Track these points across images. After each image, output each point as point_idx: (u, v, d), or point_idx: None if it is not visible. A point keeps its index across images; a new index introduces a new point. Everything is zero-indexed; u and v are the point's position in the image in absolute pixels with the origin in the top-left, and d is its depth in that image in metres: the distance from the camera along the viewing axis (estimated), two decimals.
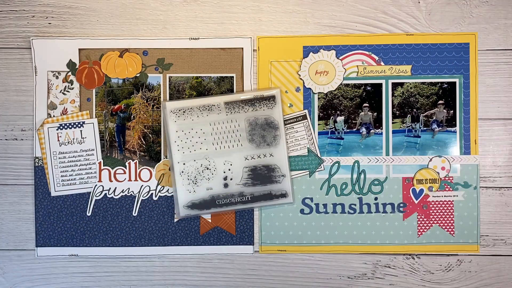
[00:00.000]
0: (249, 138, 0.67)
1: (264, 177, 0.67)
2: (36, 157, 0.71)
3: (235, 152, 0.67)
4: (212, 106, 0.67)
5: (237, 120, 0.67)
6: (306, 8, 0.71)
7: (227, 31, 0.71)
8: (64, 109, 0.71)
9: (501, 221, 0.71)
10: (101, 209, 0.71)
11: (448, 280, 0.71)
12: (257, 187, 0.67)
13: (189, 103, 0.67)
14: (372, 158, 0.71)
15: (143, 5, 0.71)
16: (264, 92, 0.67)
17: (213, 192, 0.67)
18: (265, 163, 0.67)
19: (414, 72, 0.70)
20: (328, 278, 0.71)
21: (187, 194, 0.67)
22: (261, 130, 0.67)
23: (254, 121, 0.67)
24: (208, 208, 0.67)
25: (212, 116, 0.67)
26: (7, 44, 0.71)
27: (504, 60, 0.70)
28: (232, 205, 0.67)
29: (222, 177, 0.67)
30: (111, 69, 0.71)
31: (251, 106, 0.67)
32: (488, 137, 0.71)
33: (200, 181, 0.67)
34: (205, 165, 0.67)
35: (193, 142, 0.67)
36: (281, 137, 0.67)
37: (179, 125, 0.67)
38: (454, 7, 0.71)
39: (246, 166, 0.67)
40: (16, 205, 0.71)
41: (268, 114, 0.67)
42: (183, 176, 0.67)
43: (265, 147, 0.67)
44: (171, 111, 0.67)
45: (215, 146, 0.67)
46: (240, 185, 0.67)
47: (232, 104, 0.67)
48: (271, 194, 0.67)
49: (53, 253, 0.71)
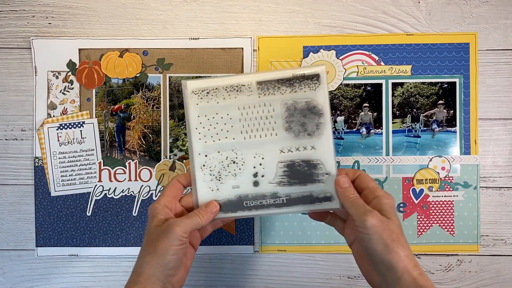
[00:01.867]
0: (286, 126, 0.54)
1: (303, 175, 0.54)
2: (36, 157, 0.71)
3: (269, 143, 0.54)
4: (242, 87, 0.54)
5: (272, 104, 0.54)
6: (306, 8, 0.71)
7: (227, 31, 0.71)
8: (64, 109, 0.71)
9: (501, 221, 0.71)
10: (101, 209, 0.71)
11: (448, 280, 0.71)
12: (294, 187, 0.54)
13: (214, 82, 0.54)
14: (372, 158, 0.71)
15: (143, 5, 0.71)
16: (306, 70, 0.54)
17: (241, 191, 0.55)
18: (305, 157, 0.54)
19: (414, 72, 0.70)
20: (328, 278, 0.71)
21: (208, 192, 0.54)
22: (301, 117, 0.54)
23: (293, 105, 0.54)
24: (234, 211, 0.54)
25: (242, 99, 0.54)
26: (7, 44, 0.71)
27: (504, 60, 0.70)
28: (263, 208, 0.54)
29: (252, 173, 0.55)
30: (111, 69, 0.71)
31: (290, 87, 0.54)
32: (488, 137, 0.71)
33: (225, 178, 0.55)
34: (231, 158, 0.55)
35: (217, 130, 0.55)
36: (326, 125, 0.54)
37: (201, 108, 0.54)
38: (454, 7, 0.71)
39: (281, 160, 0.54)
40: (16, 205, 0.71)
41: (310, 97, 0.54)
42: (204, 170, 0.55)
43: (306, 137, 0.54)
44: (193, 92, 0.54)
45: (244, 135, 0.55)
46: (273, 184, 0.55)
47: (266, 84, 0.54)
48: (312, 196, 0.54)
49: (53, 253, 0.71)
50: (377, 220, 0.46)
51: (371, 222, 0.45)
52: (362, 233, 0.46)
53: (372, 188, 0.50)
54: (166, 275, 0.48)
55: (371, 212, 0.46)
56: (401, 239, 0.46)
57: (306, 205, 0.54)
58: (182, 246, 0.48)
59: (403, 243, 0.46)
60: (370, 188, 0.50)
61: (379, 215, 0.46)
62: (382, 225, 0.46)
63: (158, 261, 0.48)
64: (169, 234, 0.48)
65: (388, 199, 0.48)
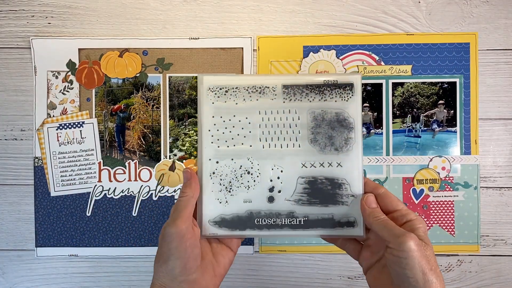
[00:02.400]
0: (311, 138, 0.49)
1: (325, 195, 0.48)
2: (35, 157, 0.71)
3: (290, 155, 0.49)
4: (266, 89, 0.49)
5: (298, 111, 0.49)
6: (306, 8, 0.71)
7: (227, 31, 0.71)
8: (63, 109, 0.71)
9: (501, 221, 0.71)
10: (101, 209, 0.70)
11: (449, 280, 0.71)
12: (314, 207, 0.48)
13: (235, 80, 0.49)
14: (372, 158, 0.71)
15: (143, 5, 0.71)
16: (339, 77, 0.49)
17: (253, 206, 0.49)
18: (329, 175, 0.48)
19: (414, 72, 0.70)
20: (328, 278, 0.71)
21: (216, 205, 0.49)
22: (329, 129, 0.49)
23: (321, 115, 0.49)
24: (243, 229, 0.48)
25: (264, 102, 0.49)
26: (6, 44, 0.71)
27: (504, 60, 0.70)
28: (276, 228, 0.49)
29: (268, 187, 0.49)
30: (111, 69, 0.71)
31: (319, 94, 0.49)
32: (488, 137, 0.70)
33: (236, 189, 0.49)
34: (246, 167, 0.49)
35: (233, 134, 0.49)
36: (357, 141, 0.48)
37: (217, 108, 0.49)
38: (454, 7, 0.71)
39: (302, 175, 0.49)
40: (16, 205, 0.71)
41: (341, 108, 0.48)
42: (213, 179, 0.49)
43: (332, 152, 0.49)
44: (209, 89, 0.49)
45: (263, 143, 0.49)
46: (290, 202, 0.49)
47: (293, 88, 0.49)
48: (333, 220, 0.48)
49: (53, 253, 0.71)
50: (416, 243, 0.41)
51: (410, 245, 0.40)
52: (397, 257, 0.41)
53: (402, 211, 0.45)
54: (179, 281, 0.44)
55: (410, 234, 0.41)
56: (437, 270, 0.42)
57: (325, 229, 0.49)
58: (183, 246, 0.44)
59: (439, 274, 0.42)
60: (401, 210, 0.45)
61: (417, 239, 0.41)
62: (421, 250, 0.41)
63: (163, 269, 0.44)
64: (164, 237, 0.44)
65: (422, 223, 0.44)
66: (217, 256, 0.48)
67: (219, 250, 0.49)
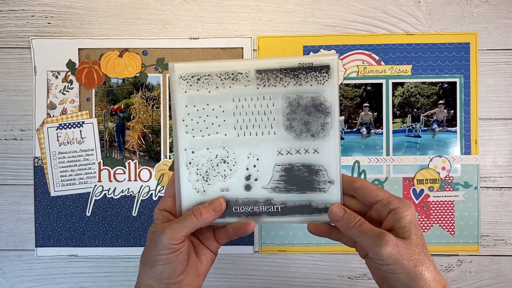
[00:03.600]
0: (287, 124, 0.48)
1: (302, 181, 0.48)
2: (35, 157, 0.70)
3: (265, 143, 0.48)
4: (239, 75, 0.47)
5: (272, 97, 0.47)
6: (306, 7, 0.71)
7: (227, 30, 0.71)
8: (63, 109, 0.71)
9: (501, 221, 0.71)
10: (100, 209, 0.70)
11: (449, 280, 0.71)
12: (291, 194, 0.48)
13: (207, 67, 0.48)
14: (373, 158, 0.71)
15: (142, 5, 0.71)
16: (315, 59, 0.46)
17: (230, 194, 0.49)
18: (306, 161, 0.48)
19: (414, 72, 0.70)
20: (328, 278, 0.71)
21: (193, 194, 0.49)
22: (305, 114, 0.47)
23: (296, 101, 0.47)
24: (222, 217, 0.48)
25: (238, 89, 0.47)
26: (6, 44, 0.71)
27: (504, 60, 0.70)
28: (254, 215, 0.48)
29: (244, 175, 0.49)
30: (111, 69, 0.71)
31: (294, 79, 0.47)
32: (488, 137, 0.70)
33: (213, 178, 0.49)
34: (221, 156, 0.49)
35: (207, 123, 0.48)
36: (333, 126, 0.47)
37: (190, 97, 0.48)
38: (454, 7, 0.71)
39: (278, 163, 0.48)
40: (16, 205, 0.71)
41: (317, 92, 0.47)
42: (190, 169, 0.48)
43: (309, 138, 0.47)
44: (181, 77, 0.48)
45: (238, 131, 0.48)
46: (267, 189, 0.48)
47: (267, 73, 0.47)
48: (311, 206, 0.48)
49: (53, 253, 0.70)
50: (393, 246, 0.40)
51: (387, 251, 0.40)
52: (379, 264, 0.41)
53: (385, 200, 0.43)
54: (165, 284, 0.45)
55: (383, 238, 0.40)
56: (424, 260, 0.41)
57: (303, 216, 0.48)
58: (174, 254, 0.44)
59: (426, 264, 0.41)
60: (382, 200, 0.44)
61: (394, 240, 0.40)
62: (400, 251, 0.40)
63: (150, 271, 0.45)
64: (156, 243, 0.44)
65: (406, 211, 0.42)
66: (200, 255, 0.49)
67: (201, 249, 0.50)
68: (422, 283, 0.40)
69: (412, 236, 0.41)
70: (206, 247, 0.50)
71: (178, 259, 0.45)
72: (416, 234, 0.42)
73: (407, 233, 0.41)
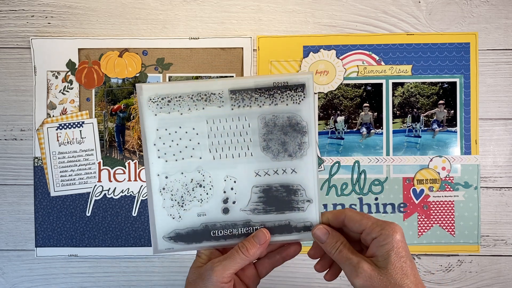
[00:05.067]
0: (264, 145, 0.47)
1: (281, 202, 0.47)
2: (35, 157, 0.70)
3: (242, 164, 0.47)
4: (212, 96, 0.46)
5: (248, 118, 0.47)
6: (306, 7, 0.71)
7: (227, 30, 0.71)
8: (63, 109, 0.71)
9: (501, 221, 0.71)
10: (100, 209, 0.70)
11: (449, 280, 0.71)
12: (270, 215, 0.48)
13: (177, 88, 0.46)
14: (373, 158, 0.71)
15: (142, 5, 0.71)
16: (289, 77, 0.46)
17: (207, 219, 0.47)
18: (284, 181, 0.47)
19: (414, 72, 0.70)
20: None
21: (169, 220, 0.47)
22: (282, 134, 0.47)
23: (272, 121, 0.47)
24: (199, 241, 0.47)
25: (211, 110, 0.46)
26: (6, 44, 0.71)
27: (504, 60, 0.70)
28: (233, 238, 0.48)
29: (221, 198, 0.48)
30: (111, 69, 0.71)
31: (269, 98, 0.46)
32: (488, 137, 0.70)
33: (189, 203, 0.47)
34: (197, 180, 0.47)
35: (181, 147, 0.47)
36: (310, 145, 0.47)
37: (161, 120, 0.46)
38: (454, 7, 0.71)
39: (256, 184, 0.47)
40: (16, 205, 0.71)
41: (293, 112, 0.46)
42: (164, 195, 0.47)
43: (286, 158, 0.47)
44: (151, 100, 0.46)
45: (213, 154, 0.47)
46: (246, 212, 0.48)
47: (241, 93, 0.46)
48: (290, 225, 0.48)
49: (53, 253, 0.70)
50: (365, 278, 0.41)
51: (359, 283, 0.41)
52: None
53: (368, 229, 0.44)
54: None
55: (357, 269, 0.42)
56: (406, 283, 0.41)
57: (282, 235, 0.48)
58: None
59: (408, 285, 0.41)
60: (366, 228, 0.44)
61: (368, 271, 0.41)
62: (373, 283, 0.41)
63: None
64: (204, 280, 0.44)
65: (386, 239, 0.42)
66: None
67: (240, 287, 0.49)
68: None
69: (388, 266, 0.41)
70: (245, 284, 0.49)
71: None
72: (394, 263, 0.41)
73: (384, 262, 0.42)
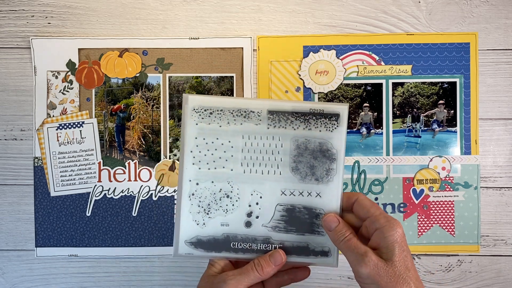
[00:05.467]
0: (293, 166, 0.49)
1: (302, 223, 0.49)
2: (35, 157, 0.70)
3: (270, 181, 0.49)
4: (251, 113, 0.49)
5: (281, 138, 0.49)
6: (306, 7, 0.71)
7: (227, 31, 0.71)
8: (63, 109, 0.71)
9: (501, 221, 0.71)
10: (100, 209, 0.70)
11: (449, 280, 0.71)
12: (290, 235, 0.49)
13: (220, 102, 0.49)
14: (372, 158, 0.71)
15: (142, 5, 0.71)
16: (326, 107, 0.48)
17: (230, 230, 0.49)
18: (308, 204, 0.49)
19: (414, 72, 0.70)
20: (328, 278, 0.71)
21: (193, 226, 0.49)
22: (311, 158, 0.49)
23: (304, 144, 0.49)
24: (218, 251, 0.49)
25: (248, 127, 0.49)
26: (6, 44, 0.71)
27: (504, 60, 0.70)
28: (251, 252, 0.49)
29: (246, 212, 0.49)
30: (111, 69, 0.71)
31: (304, 123, 0.48)
32: (488, 137, 0.70)
33: (214, 212, 0.49)
34: (225, 191, 0.49)
35: (215, 157, 0.49)
36: (338, 173, 0.48)
37: (201, 129, 0.49)
38: (454, 7, 0.71)
39: (281, 203, 0.49)
40: (16, 205, 0.71)
41: (325, 138, 0.48)
42: (192, 200, 0.49)
43: (312, 182, 0.49)
44: (194, 109, 0.49)
45: (244, 167, 0.49)
46: (267, 228, 0.49)
47: (279, 115, 0.49)
48: (308, 248, 0.49)
49: (53, 253, 0.70)
50: (372, 267, 0.41)
51: (366, 272, 0.41)
52: (359, 282, 0.43)
53: (373, 217, 0.44)
54: None
55: (364, 259, 0.42)
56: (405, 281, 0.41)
57: (299, 257, 0.49)
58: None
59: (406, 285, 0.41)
60: (372, 216, 0.44)
61: (375, 261, 0.41)
62: (379, 272, 0.41)
63: None
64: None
65: (390, 231, 0.42)
66: None
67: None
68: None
69: (394, 258, 0.42)
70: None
71: None
72: (399, 256, 0.42)
73: (389, 254, 0.42)
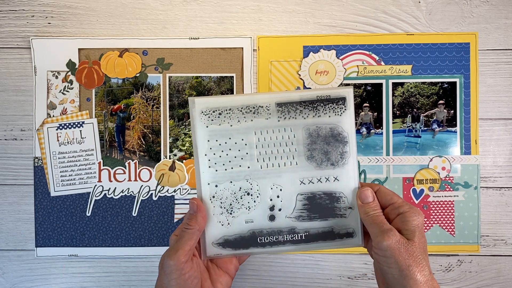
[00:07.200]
0: (308, 155, 0.50)
1: (324, 209, 0.50)
2: (35, 157, 0.70)
3: (288, 173, 0.50)
4: (260, 108, 0.49)
5: (293, 129, 0.50)
6: (306, 7, 0.71)
7: (227, 31, 0.71)
8: (63, 109, 0.71)
9: (501, 221, 0.71)
10: (100, 209, 0.70)
11: (449, 280, 0.71)
12: (314, 222, 0.50)
13: (227, 102, 0.49)
14: (373, 158, 0.71)
15: (142, 5, 0.71)
16: (332, 92, 0.49)
17: (255, 226, 0.50)
18: (327, 189, 0.50)
19: (414, 72, 0.70)
20: (328, 279, 0.71)
21: (218, 227, 0.50)
22: (324, 144, 0.50)
23: (316, 132, 0.50)
24: (246, 248, 0.50)
25: (259, 122, 0.49)
26: (6, 44, 0.71)
27: (504, 60, 0.70)
28: (279, 244, 0.50)
29: (268, 206, 0.50)
30: (111, 69, 0.71)
31: (313, 110, 0.49)
32: (488, 137, 0.70)
33: (237, 211, 0.50)
34: (245, 188, 0.50)
35: (230, 157, 0.49)
36: (351, 155, 0.50)
37: (212, 131, 0.49)
38: (454, 7, 0.71)
39: (301, 192, 0.50)
40: (16, 205, 0.71)
41: (335, 123, 0.49)
42: (214, 202, 0.50)
43: (329, 167, 0.50)
44: (202, 112, 0.49)
45: (261, 163, 0.50)
46: (291, 219, 0.50)
47: (287, 106, 0.49)
48: (333, 232, 0.50)
49: (53, 253, 0.71)
50: (394, 241, 0.42)
51: (387, 243, 0.42)
52: (377, 254, 0.44)
53: (396, 204, 0.46)
54: None
55: (389, 232, 0.43)
56: (421, 263, 0.42)
57: (326, 242, 0.50)
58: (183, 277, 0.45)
59: (422, 267, 0.42)
60: (395, 203, 0.46)
61: (398, 236, 0.42)
62: (399, 247, 0.42)
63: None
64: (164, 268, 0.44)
65: (413, 216, 0.44)
66: (215, 282, 0.49)
67: (217, 276, 0.50)
68: (413, 283, 0.41)
69: (415, 239, 0.43)
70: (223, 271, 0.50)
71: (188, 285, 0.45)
72: (419, 239, 0.43)
73: (411, 235, 0.43)
